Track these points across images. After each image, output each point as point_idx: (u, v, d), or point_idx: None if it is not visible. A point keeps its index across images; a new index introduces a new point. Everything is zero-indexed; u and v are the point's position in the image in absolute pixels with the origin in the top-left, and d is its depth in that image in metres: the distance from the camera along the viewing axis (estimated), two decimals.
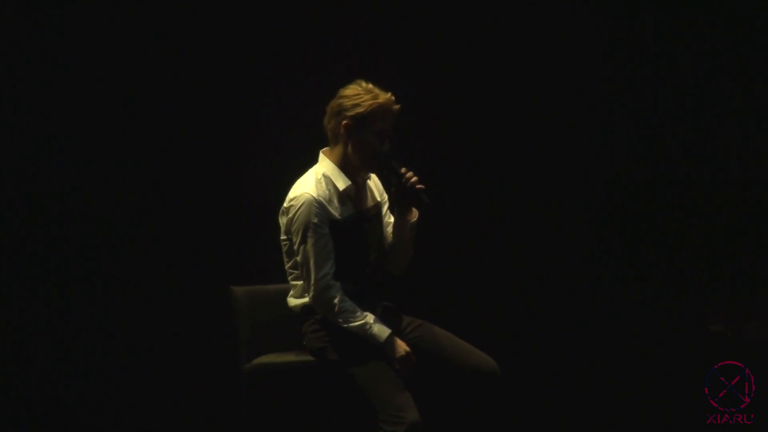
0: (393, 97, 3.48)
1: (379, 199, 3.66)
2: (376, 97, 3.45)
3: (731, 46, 4.83)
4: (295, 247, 3.48)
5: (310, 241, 3.43)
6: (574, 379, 4.81)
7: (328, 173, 3.51)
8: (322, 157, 3.57)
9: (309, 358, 3.59)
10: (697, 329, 4.63)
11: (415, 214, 3.57)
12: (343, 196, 3.51)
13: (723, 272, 4.81)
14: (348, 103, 3.45)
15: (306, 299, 3.55)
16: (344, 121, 3.46)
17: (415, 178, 3.47)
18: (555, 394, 4.80)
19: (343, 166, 3.52)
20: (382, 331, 3.44)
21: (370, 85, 3.48)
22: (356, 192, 3.55)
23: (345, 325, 3.44)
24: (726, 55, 4.84)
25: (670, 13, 4.82)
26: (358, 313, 3.45)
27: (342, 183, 3.49)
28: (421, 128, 4.63)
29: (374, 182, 3.66)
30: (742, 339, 4.45)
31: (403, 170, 3.48)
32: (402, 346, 3.44)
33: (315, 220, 3.43)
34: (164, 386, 4.51)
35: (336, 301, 3.44)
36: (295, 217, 3.45)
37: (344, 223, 3.49)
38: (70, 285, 4.44)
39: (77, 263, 4.45)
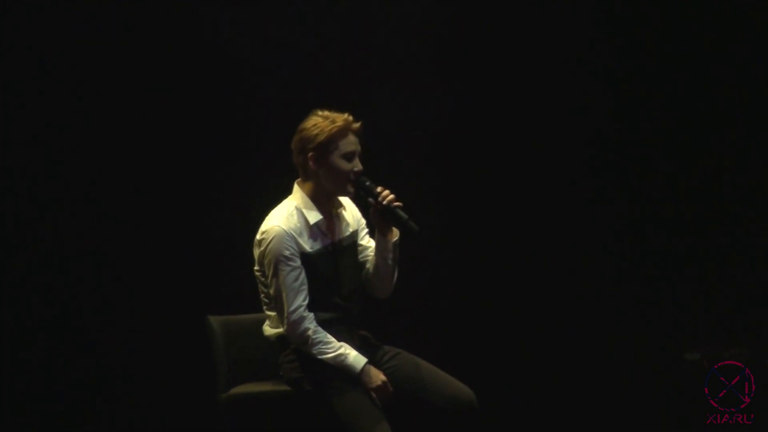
0: (350, 117, 3.50)
1: (355, 227, 3.66)
2: (333, 121, 3.47)
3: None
4: (267, 280, 3.49)
5: (281, 275, 3.43)
6: (552, 409, 4.81)
7: (300, 206, 3.51)
8: (295, 188, 3.58)
9: (286, 388, 3.57)
10: (673, 358, 4.62)
11: (395, 234, 3.57)
12: (314, 229, 3.52)
13: (699, 299, 4.82)
14: (308, 134, 3.48)
15: (281, 329, 3.53)
16: (309, 154, 3.49)
17: (391, 196, 3.48)
18: (534, 425, 4.81)
19: (316, 197, 3.53)
20: (357, 360, 3.44)
21: (326, 112, 3.50)
22: (328, 224, 3.56)
23: (320, 357, 3.44)
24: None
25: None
26: (333, 344, 3.45)
27: (313, 217, 3.50)
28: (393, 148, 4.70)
29: (350, 210, 3.66)
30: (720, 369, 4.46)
31: (378, 189, 3.49)
32: (378, 376, 3.43)
33: (286, 253, 3.43)
34: (140, 417, 4.48)
35: (309, 333, 3.44)
36: (267, 250, 3.46)
37: (316, 256, 3.51)
38: (42, 315, 4.42)
39: (49, 293, 4.43)
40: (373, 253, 3.63)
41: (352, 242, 3.63)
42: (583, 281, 4.87)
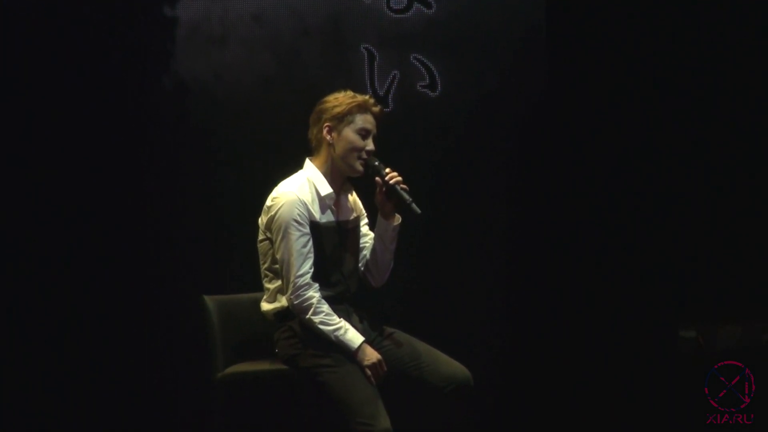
0: (372, 99, 3.57)
1: (358, 213, 3.71)
2: (354, 97, 3.54)
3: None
4: (276, 244, 3.48)
5: (291, 239, 3.44)
6: (547, 387, 4.80)
7: (312, 178, 3.55)
8: (307, 163, 3.61)
9: (282, 366, 3.56)
10: (668, 335, 4.65)
11: (397, 219, 3.60)
12: (324, 202, 3.54)
13: (693, 275, 4.82)
14: (326, 106, 3.55)
15: (279, 304, 3.55)
16: (325, 124, 3.53)
17: (398, 177, 3.52)
18: (529, 403, 4.79)
19: (328, 172, 3.57)
20: (355, 337, 3.45)
21: (349, 91, 3.58)
22: (336, 201, 3.58)
23: (321, 327, 3.43)
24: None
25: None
26: (335, 318, 3.46)
27: (324, 189, 3.53)
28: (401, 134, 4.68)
29: (355, 198, 3.71)
30: (714, 345, 4.48)
31: (386, 170, 3.53)
32: (374, 354, 3.44)
33: (297, 218, 3.45)
34: (135, 397, 4.47)
35: (314, 301, 3.45)
36: (277, 215, 3.47)
37: (323, 228, 3.52)
38: (36, 294, 4.41)
39: (43, 272, 4.42)
40: (370, 243, 3.67)
41: (356, 225, 3.67)
42: (575, 257, 4.87)
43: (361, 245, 3.69)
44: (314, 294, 3.45)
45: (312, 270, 3.46)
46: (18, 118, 4.40)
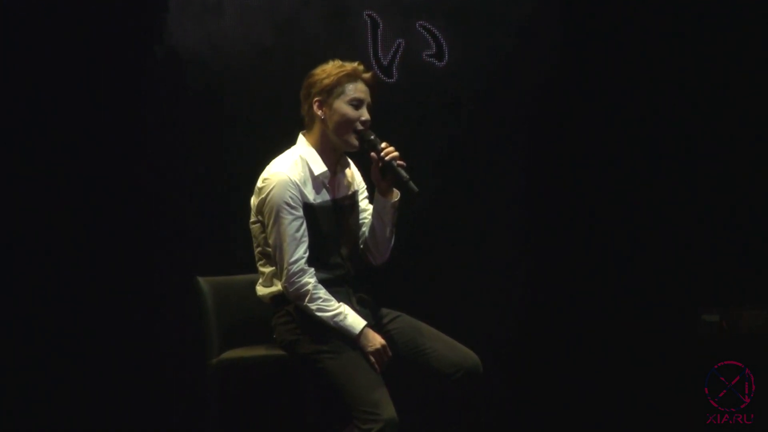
0: (361, 66, 3.49)
1: (356, 188, 3.63)
2: (342, 66, 3.46)
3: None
4: (268, 229, 3.42)
5: (283, 223, 3.37)
6: (561, 375, 4.77)
7: (305, 156, 3.47)
8: (300, 139, 3.53)
9: (280, 352, 3.51)
10: (691, 319, 4.63)
11: (395, 195, 3.52)
12: (318, 181, 3.47)
13: (716, 259, 4.80)
14: (315, 79, 3.47)
15: (275, 288, 3.48)
16: (315, 99, 3.45)
17: (395, 153, 3.43)
18: (541, 391, 4.75)
19: (322, 148, 3.49)
20: (356, 322, 3.37)
21: (338, 60, 3.49)
22: (332, 179, 3.51)
23: (318, 314, 3.37)
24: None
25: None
26: (333, 303, 3.39)
27: (318, 168, 3.46)
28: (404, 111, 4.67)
29: (352, 171, 3.63)
30: (738, 329, 4.51)
31: (383, 145, 3.43)
32: (377, 339, 3.36)
33: (289, 201, 3.38)
34: (127, 384, 4.45)
35: (309, 287, 3.38)
36: (269, 197, 3.40)
37: (318, 209, 3.45)
38: (27, 281, 4.38)
39: (34, 258, 4.39)
40: (370, 216, 3.59)
41: (353, 202, 3.59)
42: (595, 238, 4.84)
43: (360, 221, 3.62)
44: (309, 280, 3.38)
45: (306, 255, 3.39)
46: (6, 91, 4.37)
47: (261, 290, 3.54)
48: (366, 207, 3.63)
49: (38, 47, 4.37)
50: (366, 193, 3.66)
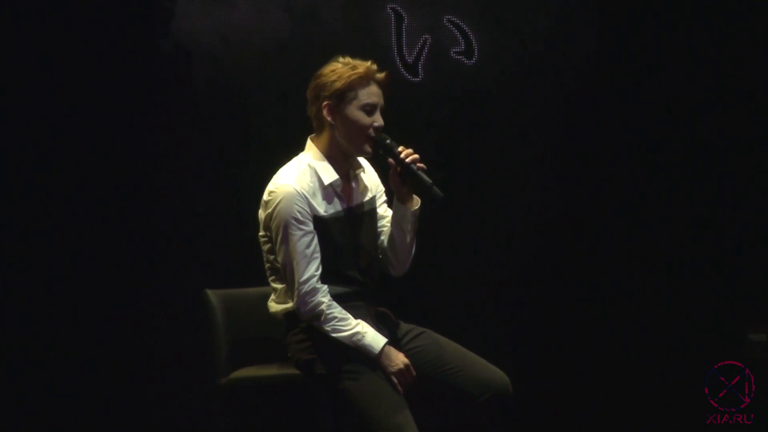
0: (374, 66, 3.33)
1: (373, 194, 3.48)
2: (354, 67, 3.30)
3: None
4: (276, 246, 3.30)
5: (292, 240, 3.24)
6: (595, 392, 4.72)
7: (314, 164, 3.33)
8: (309, 144, 3.40)
9: (294, 371, 3.40)
10: (736, 337, 4.61)
11: (416, 202, 3.38)
12: (328, 191, 3.33)
13: (764, 277, 4.76)
14: (324, 81, 3.31)
15: (289, 305, 3.34)
16: (324, 103, 3.30)
17: (414, 156, 3.29)
18: (571, 410, 4.71)
19: (332, 155, 3.34)
20: (376, 340, 3.23)
21: (348, 58, 3.35)
22: (344, 187, 3.38)
23: (334, 335, 3.24)
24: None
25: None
26: (349, 321, 3.25)
27: (328, 177, 3.32)
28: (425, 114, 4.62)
29: (368, 175, 3.49)
30: None
31: (400, 148, 3.30)
32: (400, 358, 3.24)
33: (297, 215, 3.25)
34: (132, 403, 4.42)
35: (323, 307, 3.25)
36: (275, 212, 3.27)
37: (330, 221, 3.31)
38: (34, 292, 4.35)
39: (41, 268, 4.36)
40: (389, 224, 3.47)
41: (370, 209, 3.45)
42: (643, 257, 4.78)
43: (378, 229, 3.48)
44: (322, 299, 3.25)
45: (319, 272, 3.27)
46: (11, 86, 4.33)
47: (273, 307, 3.40)
48: (385, 213, 3.50)
49: (42, 42, 4.32)
50: (384, 197, 3.54)
